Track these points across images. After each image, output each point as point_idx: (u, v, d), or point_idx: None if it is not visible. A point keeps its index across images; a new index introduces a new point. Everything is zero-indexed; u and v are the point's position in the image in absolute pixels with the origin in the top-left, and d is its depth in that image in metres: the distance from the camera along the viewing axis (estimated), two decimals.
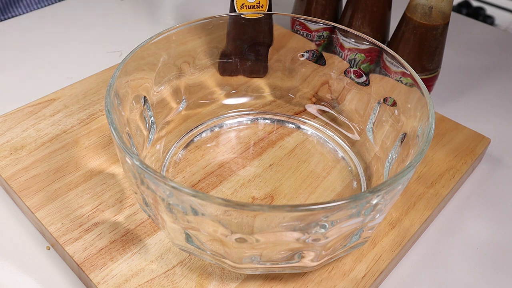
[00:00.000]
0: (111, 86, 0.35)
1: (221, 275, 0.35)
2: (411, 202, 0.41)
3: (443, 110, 0.55)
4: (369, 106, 0.44)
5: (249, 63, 0.49)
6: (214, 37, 0.46)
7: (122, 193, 0.40)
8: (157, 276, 0.35)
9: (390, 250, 0.38)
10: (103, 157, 0.43)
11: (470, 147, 0.47)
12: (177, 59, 0.45)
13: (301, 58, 0.48)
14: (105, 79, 0.52)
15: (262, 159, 0.45)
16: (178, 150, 0.45)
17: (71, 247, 0.36)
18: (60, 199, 0.40)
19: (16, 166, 0.42)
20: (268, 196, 0.41)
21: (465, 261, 0.40)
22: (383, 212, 0.32)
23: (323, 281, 0.35)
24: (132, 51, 0.38)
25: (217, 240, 0.31)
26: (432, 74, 0.52)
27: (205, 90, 0.48)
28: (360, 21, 0.53)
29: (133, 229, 0.38)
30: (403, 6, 0.51)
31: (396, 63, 0.40)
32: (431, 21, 0.48)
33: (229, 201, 0.27)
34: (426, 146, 0.32)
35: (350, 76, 0.46)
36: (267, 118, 0.49)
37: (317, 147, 0.46)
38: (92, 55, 0.60)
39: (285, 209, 0.27)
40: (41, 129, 0.46)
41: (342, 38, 0.46)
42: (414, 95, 0.37)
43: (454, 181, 0.43)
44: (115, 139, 0.31)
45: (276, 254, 0.32)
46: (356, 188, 0.42)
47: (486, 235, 0.42)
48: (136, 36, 0.64)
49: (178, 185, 0.28)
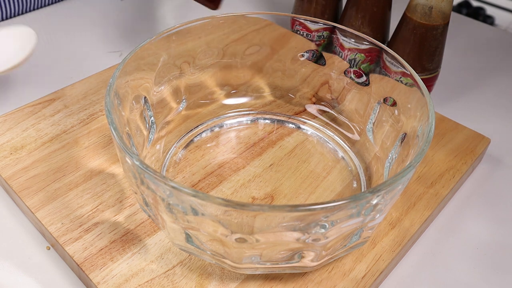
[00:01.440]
0: (111, 86, 0.35)
1: (221, 275, 0.35)
2: (411, 202, 0.41)
3: (443, 110, 0.55)
4: (369, 106, 0.44)
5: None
6: (214, 37, 0.46)
7: (122, 193, 0.40)
8: (157, 276, 0.35)
9: (390, 250, 0.38)
10: (103, 157, 0.43)
11: (470, 147, 0.47)
12: (177, 59, 0.45)
13: (301, 58, 0.48)
14: (105, 79, 0.52)
15: (262, 159, 0.45)
16: (178, 150, 0.45)
17: (71, 247, 0.36)
18: (60, 199, 0.40)
19: (16, 166, 0.42)
20: (268, 196, 0.41)
21: (465, 261, 0.40)
22: (383, 212, 0.32)
23: (323, 281, 0.35)
24: (132, 51, 0.38)
25: (217, 240, 0.31)
26: (432, 74, 0.52)
27: (205, 90, 0.48)
28: (360, 21, 0.53)
29: (133, 229, 0.38)
30: (403, 6, 0.51)
31: (396, 63, 0.40)
32: (431, 21, 0.48)
33: (229, 201, 0.27)
34: (426, 146, 0.32)
35: (350, 76, 0.46)
36: (267, 118, 0.49)
37: (317, 147, 0.46)
38: (92, 55, 0.60)
39: (285, 209, 0.27)
40: (41, 129, 0.46)
41: (342, 38, 0.46)
42: (414, 95, 0.37)
43: (454, 181, 0.43)
44: (115, 139, 0.31)
45: (276, 254, 0.32)
46: (356, 188, 0.42)
47: (486, 235, 0.42)
48: (136, 36, 0.64)
49: (178, 185, 0.28)
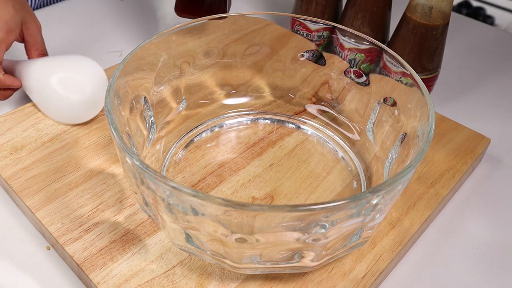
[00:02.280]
0: (111, 86, 0.35)
1: (221, 275, 0.35)
2: (411, 202, 0.41)
3: (443, 110, 0.55)
4: (369, 106, 0.44)
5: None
6: (214, 37, 0.46)
7: (122, 193, 0.40)
8: (157, 276, 0.35)
9: (390, 250, 0.38)
10: (103, 157, 0.43)
11: (470, 147, 0.47)
12: (177, 59, 0.45)
13: (301, 58, 0.48)
14: None
15: (262, 159, 0.45)
16: (178, 150, 0.45)
17: (71, 247, 0.36)
18: (60, 199, 0.40)
19: (16, 166, 0.42)
20: (268, 196, 0.41)
21: (465, 261, 0.40)
22: (383, 212, 0.32)
23: (323, 281, 0.35)
24: (132, 51, 0.38)
25: (217, 240, 0.31)
26: (432, 74, 0.51)
27: (205, 90, 0.48)
28: (360, 21, 0.53)
29: (133, 229, 0.38)
30: (403, 6, 0.51)
31: (396, 63, 0.39)
32: (431, 21, 0.48)
33: (229, 201, 0.27)
34: (426, 146, 0.32)
35: (350, 76, 0.46)
36: (267, 118, 0.49)
37: (317, 147, 0.46)
38: (92, 55, 0.60)
39: (285, 209, 0.27)
40: (41, 129, 0.46)
41: (342, 38, 0.46)
42: (414, 95, 0.37)
43: (454, 181, 0.43)
44: (115, 139, 0.31)
45: (276, 254, 0.32)
46: (356, 188, 0.42)
47: (486, 235, 0.42)
48: (136, 36, 0.64)
49: (178, 185, 0.28)
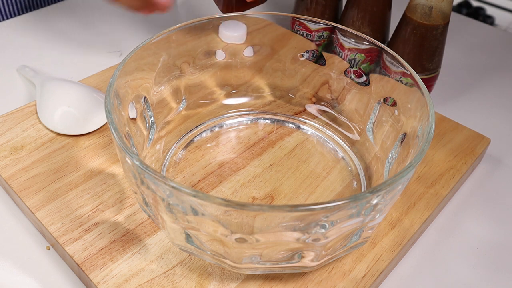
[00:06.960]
0: (111, 86, 0.35)
1: (221, 275, 0.35)
2: (411, 202, 0.41)
3: (443, 110, 0.55)
4: (369, 106, 0.44)
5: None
6: (214, 37, 0.46)
7: (122, 193, 0.40)
8: (157, 276, 0.35)
9: (390, 250, 0.38)
10: (103, 157, 0.43)
11: (470, 147, 0.47)
12: (177, 59, 0.45)
13: (301, 58, 0.48)
14: (105, 79, 0.52)
15: (262, 159, 0.45)
16: (178, 150, 0.45)
17: (71, 247, 0.36)
18: (60, 199, 0.40)
19: (16, 166, 0.42)
20: (268, 196, 0.41)
21: (465, 261, 0.40)
22: (383, 212, 0.32)
23: (323, 281, 0.35)
24: (132, 51, 0.38)
25: (217, 240, 0.31)
26: (432, 74, 0.52)
27: (205, 90, 0.48)
28: (360, 21, 0.53)
29: (133, 229, 0.38)
30: (403, 6, 0.51)
31: (396, 63, 0.39)
32: (431, 21, 0.48)
33: (229, 201, 0.27)
34: (426, 146, 0.32)
35: (350, 76, 0.46)
36: (267, 118, 0.49)
37: (317, 147, 0.46)
38: (92, 55, 0.60)
39: (285, 209, 0.27)
40: (41, 129, 0.46)
41: (342, 38, 0.46)
42: (414, 95, 0.37)
43: (454, 181, 0.43)
44: (115, 139, 0.31)
45: (276, 254, 0.32)
46: (356, 188, 0.42)
47: (486, 235, 0.42)
48: (136, 36, 0.64)
49: (178, 185, 0.28)
